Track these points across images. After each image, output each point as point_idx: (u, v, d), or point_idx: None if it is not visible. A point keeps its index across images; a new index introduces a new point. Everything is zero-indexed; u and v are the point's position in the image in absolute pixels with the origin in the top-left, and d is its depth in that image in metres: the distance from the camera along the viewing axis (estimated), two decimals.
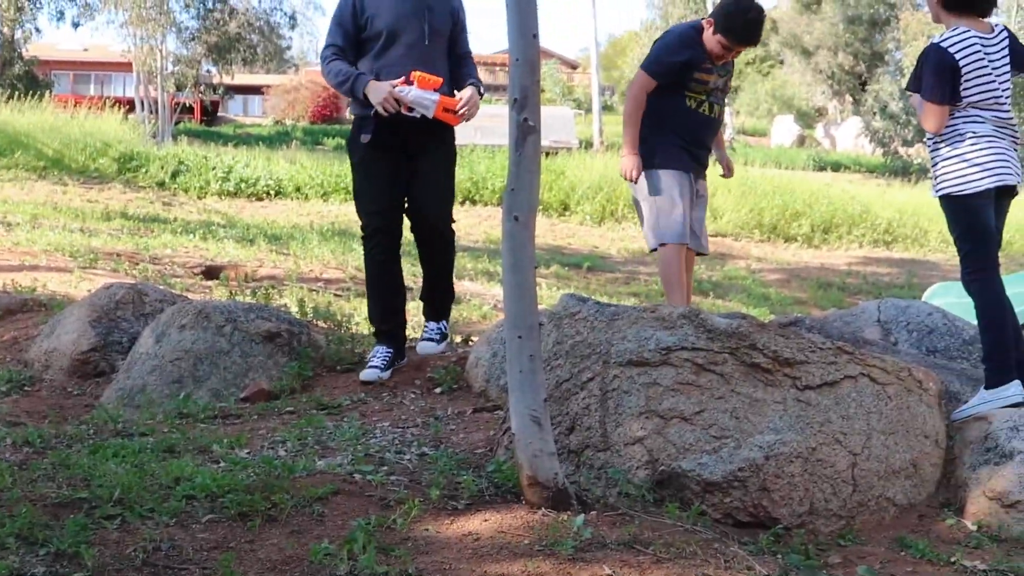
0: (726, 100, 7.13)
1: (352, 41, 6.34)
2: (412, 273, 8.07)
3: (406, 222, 6.49)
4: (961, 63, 5.18)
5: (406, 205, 6.45)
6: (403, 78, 6.13)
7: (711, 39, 6.73)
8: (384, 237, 6.39)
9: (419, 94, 6.10)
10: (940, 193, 5.34)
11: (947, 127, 5.29)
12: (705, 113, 6.88)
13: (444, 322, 6.82)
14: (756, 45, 7.02)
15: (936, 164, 5.36)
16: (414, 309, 7.73)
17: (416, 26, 6.29)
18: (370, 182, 6.39)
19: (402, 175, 6.36)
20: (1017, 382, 5.04)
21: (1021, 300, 11.80)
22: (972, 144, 5.23)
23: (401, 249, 6.54)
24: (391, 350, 6.50)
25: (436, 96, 6.14)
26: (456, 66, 6.53)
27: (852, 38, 59.35)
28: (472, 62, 6.66)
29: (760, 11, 6.81)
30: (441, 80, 6.25)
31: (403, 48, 6.28)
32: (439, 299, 6.76)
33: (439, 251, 6.59)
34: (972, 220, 5.25)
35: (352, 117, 6.61)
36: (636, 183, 6.89)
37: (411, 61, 6.23)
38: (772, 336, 4.56)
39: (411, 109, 6.12)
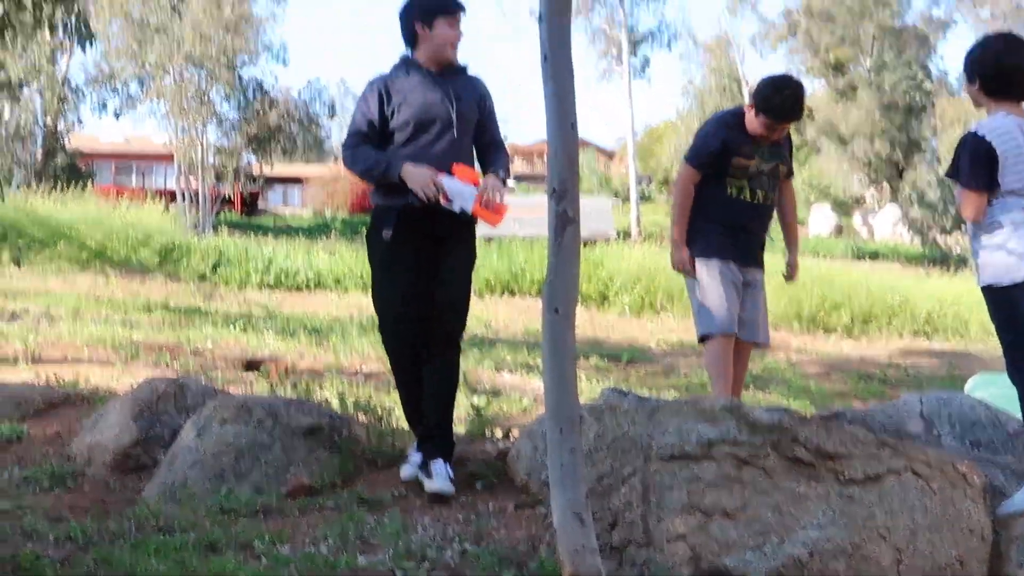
0: (776, 185, 7.02)
1: (378, 130, 6.03)
2: None
3: None
4: (999, 150, 5.18)
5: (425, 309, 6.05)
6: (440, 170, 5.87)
7: (753, 121, 6.77)
8: (409, 336, 6.05)
9: (461, 186, 5.84)
10: (982, 284, 5.32)
11: (986, 215, 5.27)
12: (746, 199, 6.85)
13: (449, 465, 6.08)
14: (799, 119, 6.95)
15: (977, 254, 5.35)
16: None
17: (444, 114, 6.02)
18: (392, 283, 6.03)
19: (424, 272, 6.00)
20: None
21: None
22: (1011, 233, 5.21)
23: None
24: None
25: (476, 190, 5.88)
26: (483, 154, 6.26)
27: (888, 125, 59.45)
28: (502, 151, 6.35)
29: (797, 86, 6.85)
30: (479, 175, 6.07)
31: (432, 137, 6.00)
32: (442, 434, 6.11)
33: (447, 363, 6.12)
34: (1013, 311, 5.22)
35: (373, 207, 6.22)
36: (685, 276, 6.92)
37: (441, 151, 5.98)
38: (814, 430, 4.54)
39: (449, 201, 5.82)
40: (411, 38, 6.15)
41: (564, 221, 4.02)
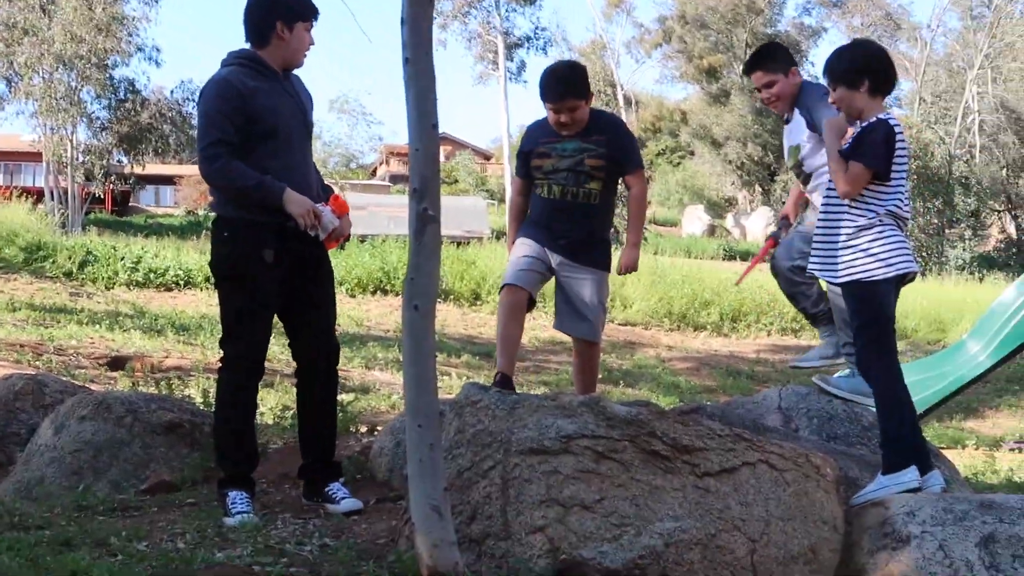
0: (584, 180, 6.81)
1: (240, 135, 5.37)
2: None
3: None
4: (899, 145, 5.25)
5: (296, 333, 5.71)
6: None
7: (548, 113, 6.81)
8: (261, 367, 5.65)
9: (331, 217, 5.51)
10: (847, 279, 5.33)
11: (863, 211, 5.31)
12: (544, 196, 6.84)
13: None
14: (576, 98, 6.69)
15: (845, 249, 5.34)
16: None
17: (300, 124, 5.63)
18: (262, 306, 5.49)
19: (291, 297, 5.59)
20: (914, 467, 5.10)
21: (921, 387, 11.97)
22: (884, 229, 5.28)
23: None
24: (250, 494, 5.53)
25: (338, 222, 5.57)
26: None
27: (760, 130, 60.45)
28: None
29: (566, 66, 7.01)
30: (348, 208, 5.70)
31: (297, 149, 5.57)
32: (331, 456, 5.80)
33: (334, 379, 5.84)
34: (880, 306, 5.29)
35: (234, 220, 5.52)
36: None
37: (305, 165, 5.63)
38: (671, 424, 4.59)
39: (316, 229, 5.46)
40: (263, 36, 5.56)
41: (425, 220, 4.03)
